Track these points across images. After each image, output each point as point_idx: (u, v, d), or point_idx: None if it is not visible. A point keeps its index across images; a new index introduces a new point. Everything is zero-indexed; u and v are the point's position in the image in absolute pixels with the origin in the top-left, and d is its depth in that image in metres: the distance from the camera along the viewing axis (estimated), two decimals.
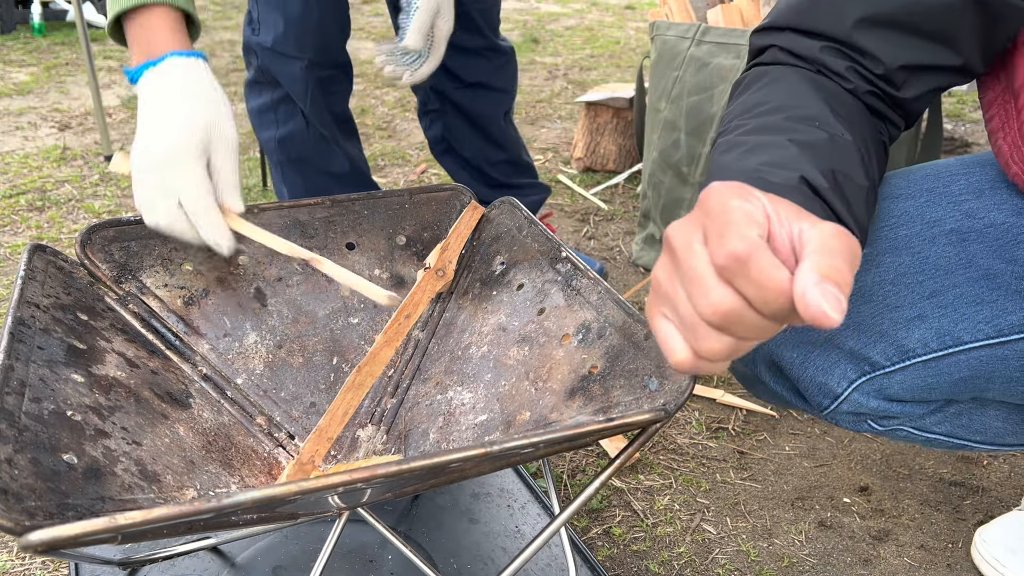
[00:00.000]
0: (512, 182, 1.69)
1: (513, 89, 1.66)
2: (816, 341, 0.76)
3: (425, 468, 0.57)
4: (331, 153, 1.49)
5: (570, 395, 0.79)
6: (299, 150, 1.48)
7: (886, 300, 0.74)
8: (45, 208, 2.03)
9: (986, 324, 0.71)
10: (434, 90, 1.59)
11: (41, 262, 0.82)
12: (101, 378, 0.76)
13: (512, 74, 1.64)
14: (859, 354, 0.74)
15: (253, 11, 1.41)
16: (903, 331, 0.73)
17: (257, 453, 0.88)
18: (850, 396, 0.76)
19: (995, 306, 0.71)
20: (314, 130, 1.46)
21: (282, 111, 1.46)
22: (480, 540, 0.99)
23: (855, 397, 0.76)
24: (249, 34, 1.43)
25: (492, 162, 1.66)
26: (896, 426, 0.83)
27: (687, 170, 1.67)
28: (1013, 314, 0.71)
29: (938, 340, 0.72)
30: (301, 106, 1.43)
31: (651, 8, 4.58)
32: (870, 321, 0.74)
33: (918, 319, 0.73)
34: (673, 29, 1.66)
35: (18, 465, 0.59)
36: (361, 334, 0.99)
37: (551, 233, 0.94)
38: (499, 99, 1.62)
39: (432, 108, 1.63)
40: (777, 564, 1.07)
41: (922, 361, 0.73)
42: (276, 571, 0.92)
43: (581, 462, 1.24)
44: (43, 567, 1.03)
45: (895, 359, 0.74)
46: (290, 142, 1.48)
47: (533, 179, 1.74)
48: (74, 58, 3.33)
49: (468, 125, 1.62)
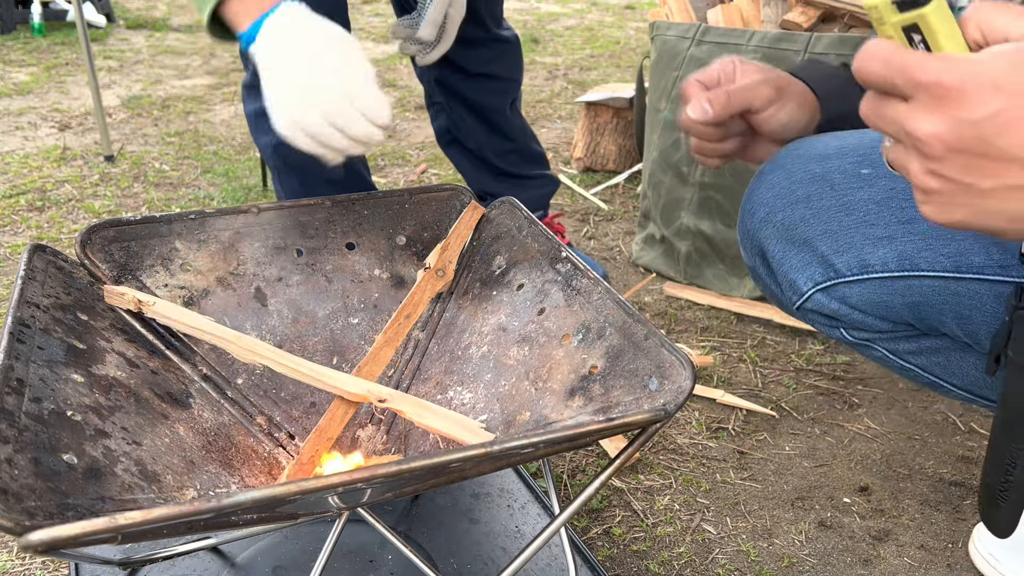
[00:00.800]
0: (520, 172, 1.68)
1: (519, 77, 1.65)
2: (796, 241, 0.83)
3: (425, 468, 0.57)
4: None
5: (570, 395, 0.79)
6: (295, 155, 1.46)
7: (866, 217, 0.79)
8: (45, 208, 2.03)
9: (947, 259, 0.76)
10: (439, 82, 1.59)
11: (41, 262, 0.82)
12: (101, 378, 0.76)
13: (517, 63, 1.64)
14: (827, 260, 0.81)
15: None
16: (870, 247, 0.79)
17: (257, 453, 0.88)
18: (813, 296, 0.84)
19: (961, 244, 0.75)
20: None
21: None
22: (480, 540, 0.99)
23: (818, 298, 0.84)
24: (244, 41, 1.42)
25: (499, 152, 1.65)
26: (868, 342, 0.88)
27: (687, 170, 1.67)
28: (976, 255, 0.75)
29: (897, 262, 0.78)
30: None
31: (651, 8, 4.58)
32: (845, 232, 0.80)
33: (887, 239, 0.78)
34: (673, 29, 1.66)
35: (18, 465, 0.59)
36: (361, 334, 0.99)
37: (551, 233, 0.94)
38: (504, 88, 1.62)
39: (436, 100, 1.63)
40: (777, 564, 1.07)
41: (879, 278, 0.79)
42: (276, 571, 0.92)
43: (581, 462, 1.24)
44: (43, 567, 1.03)
45: (855, 271, 0.80)
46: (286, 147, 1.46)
47: (542, 169, 1.73)
48: (74, 58, 3.33)
49: (473, 116, 1.61)
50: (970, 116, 0.44)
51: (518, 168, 1.68)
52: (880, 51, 0.46)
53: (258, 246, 0.97)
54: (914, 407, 1.38)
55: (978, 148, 0.45)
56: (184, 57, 3.44)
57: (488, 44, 1.55)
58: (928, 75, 0.45)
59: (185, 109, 2.80)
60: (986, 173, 0.45)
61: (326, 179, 1.50)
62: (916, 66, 0.45)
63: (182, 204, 2.08)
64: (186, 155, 2.40)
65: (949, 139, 0.45)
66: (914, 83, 0.45)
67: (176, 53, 3.50)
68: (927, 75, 0.45)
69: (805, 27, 1.56)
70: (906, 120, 0.46)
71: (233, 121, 2.70)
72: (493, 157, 1.66)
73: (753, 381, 1.44)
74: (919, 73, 0.45)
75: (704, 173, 1.65)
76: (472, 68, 1.55)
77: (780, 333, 1.58)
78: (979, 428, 1.33)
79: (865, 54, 0.47)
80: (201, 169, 2.31)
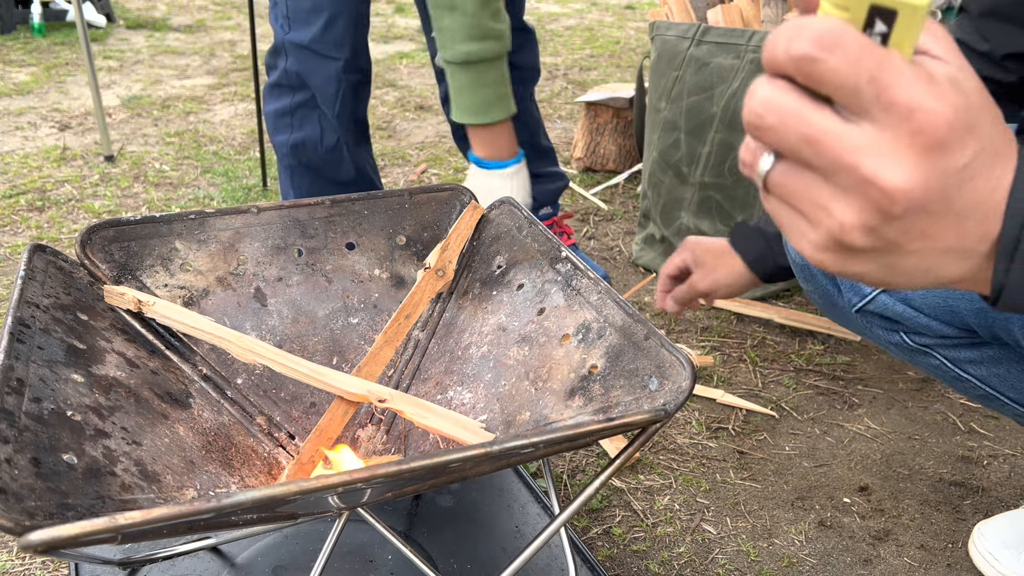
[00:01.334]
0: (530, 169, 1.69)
1: (537, 67, 1.66)
2: None
3: (425, 468, 0.57)
4: (340, 161, 1.51)
5: (570, 395, 0.79)
6: (310, 157, 1.50)
7: None
8: (45, 208, 2.03)
9: None
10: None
11: (41, 262, 0.82)
12: (101, 378, 0.76)
13: (536, 53, 1.65)
14: None
15: (281, 5, 1.39)
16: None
17: (257, 453, 0.88)
18: (877, 297, 0.84)
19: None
20: (328, 137, 1.47)
21: (299, 116, 1.47)
22: (480, 540, 0.99)
23: (882, 299, 0.83)
24: (280, 31, 1.42)
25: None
26: (927, 347, 0.87)
27: (687, 170, 1.67)
28: None
29: None
30: (327, 110, 1.44)
31: (651, 8, 4.58)
32: None
33: None
34: (673, 29, 1.66)
35: (18, 465, 0.59)
36: (361, 334, 0.99)
37: (551, 233, 0.94)
38: (526, 78, 1.62)
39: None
40: (777, 564, 1.07)
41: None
42: (276, 571, 0.92)
43: (581, 462, 1.24)
44: (43, 567, 1.03)
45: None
46: (302, 148, 1.49)
47: (551, 165, 1.73)
48: (74, 58, 3.33)
49: None
50: (952, 165, 0.33)
51: (529, 164, 1.68)
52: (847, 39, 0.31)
53: (258, 246, 0.97)
54: (914, 407, 1.38)
55: (938, 205, 0.33)
56: (184, 57, 3.44)
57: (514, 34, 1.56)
58: (914, 98, 0.32)
59: (185, 109, 2.80)
60: (927, 233, 0.34)
61: (337, 181, 1.52)
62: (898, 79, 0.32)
63: (182, 204, 2.08)
64: (186, 155, 2.40)
65: (918, 194, 0.32)
66: (889, 102, 0.32)
67: (176, 53, 3.50)
68: (912, 97, 0.32)
69: None
70: (865, 156, 0.32)
71: (233, 121, 2.70)
72: None
73: (753, 381, 1.44)
74: (901, 91, 0.31)
75: (704, 173, 1.65)
76: None
77: (780, 333, 1.58)
78: (979, 428, 1.33)
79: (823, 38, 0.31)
80: (201, 169, 2.31)
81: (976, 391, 0.88)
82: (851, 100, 0.32)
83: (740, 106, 1.54)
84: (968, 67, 0.34)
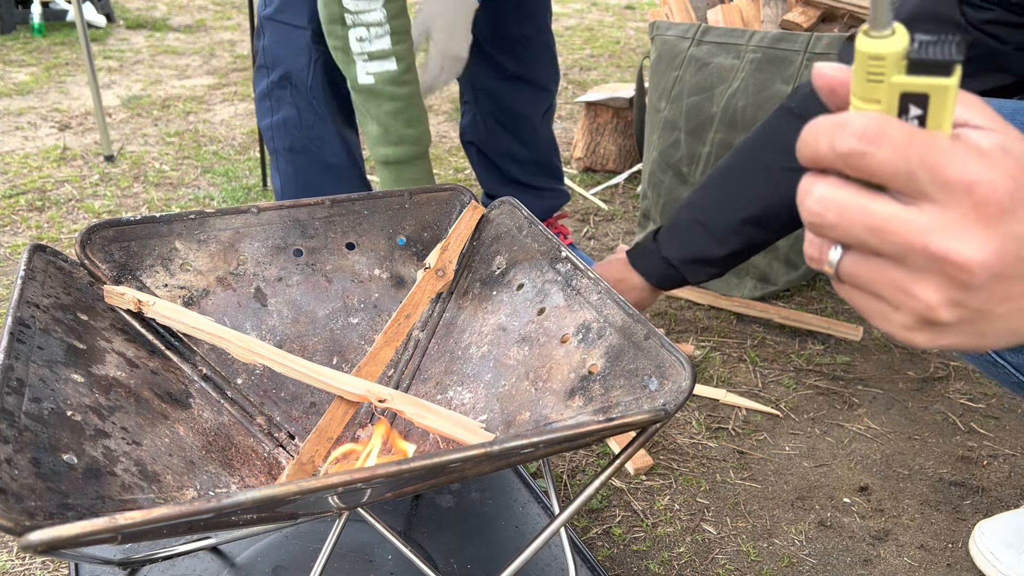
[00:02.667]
0: (531, 182, 1.68)
1: (553, 88, 1.65)
2: None
3: (425, 468, 0.57)
4: (324, 142, 1.47)
5: (570, 395, 0.79)
6: (292, 138, 1.45)
7: None
8: (45, 208, 2.03)
9: None
10: (469, 82, 1.59)
11: (41, 262, 0.82)
12: (101, 378, 0.76)
13: (554, 73, 1.64)
14: None
15: None
16: None
17: (257, 453, 0.88)
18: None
19: None
20: (306, 116, 1.44)
21: (275, 96, 1.43)
22: (480, 540, 0.99)
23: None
24: (261, 8, 1.42)
25: (516, 159, 1.65)
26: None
27: (687, 170, 1.67)
28: None
29: None
30: (300, 85, 1.40)
31: (651, 8, 4.58)
32: None
33: None
34: (673, 29, 1.66)
35: (18, 465, 0.59)
36: (361, 334, 0.99)
37: (551, 233, 0.94)
38: (537, 97, 1.61)
39: (466, 100, 1.63)
40: (777, 564, 1.07)
41: None
42: (276, 571, 0.92)
43: (581, 462, 1.24)
44: (43, 567, 1.03)
45: None
46: (283, 129, 1.45)
47: (556, 184, 1.73)
48: (74, 58, 3.33)
49: (497, 119, 1.61)
50: (1021, 228, 0.34)
51: (530, 178, 1.68)
52: (891, 129, 0.33)
53: (258, 246, 0.97)
54: (914, 407, 1.38)
55: (1015, 269, 0.34)
56: (184, 57, 3.44)
57: (532, 46, 1.55)
58: (969, 173, 0.33)
59: (185, 109, 2.80)
60: (1009, 296, 0.35)
61: (322, 164, 1.49)
62: (949, 158, 0.33)
63: (182, 204, 2.08)
64: (186, 155, 2.40)
65: (994, 262, 0.34)
66: (945, 181, 0.33)
67: (176, 53, 3.50)
68: (967, 172, 0.33)
69: (805, 27, 1.56)
70: (934, 236, 0.33)
71: (233, 121, 2.70)
72: (508, 162, 1.65)
73: (753, 381, 1.44)
74: (954, 169, 0.33)
75: (704, 173, 1.65)
76: (510, 67, 1.55)
77: (780, 333, 1.58)
78: (979, 428, 1.33)
79: (867, 131, 0.33)
80: (201, 169, 2.31)
81: (1009, 378, 0.85)
82: (907, 186, 0.34)
83: (740, 106, 1.54)
84: (1012, 129, 0.36)
